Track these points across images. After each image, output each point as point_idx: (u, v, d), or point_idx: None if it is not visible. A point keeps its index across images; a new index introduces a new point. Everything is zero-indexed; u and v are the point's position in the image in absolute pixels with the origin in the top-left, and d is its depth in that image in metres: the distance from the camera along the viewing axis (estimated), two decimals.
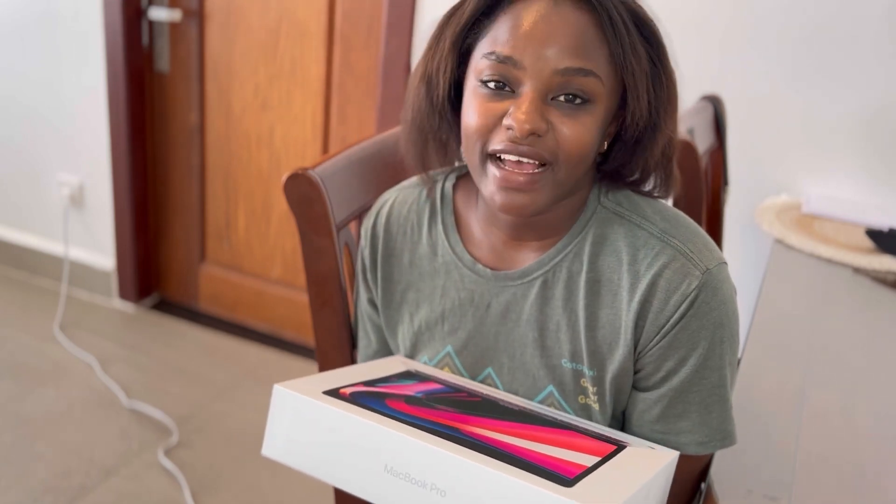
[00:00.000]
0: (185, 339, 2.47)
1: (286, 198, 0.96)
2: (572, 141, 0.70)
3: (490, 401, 0.79)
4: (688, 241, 0.75)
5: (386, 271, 0.89)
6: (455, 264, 0.84)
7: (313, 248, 0.99)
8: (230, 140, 2.40)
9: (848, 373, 1.05)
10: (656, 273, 0.74)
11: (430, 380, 0.83)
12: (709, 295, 0.74)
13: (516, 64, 0.70)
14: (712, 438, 0.77)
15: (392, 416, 0.69)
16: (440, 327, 0.86)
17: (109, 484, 1.79)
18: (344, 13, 2.13)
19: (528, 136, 0.69)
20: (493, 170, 0.72)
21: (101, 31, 2.35)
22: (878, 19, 1.58)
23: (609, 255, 0.77)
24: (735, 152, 1.73)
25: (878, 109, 1.63)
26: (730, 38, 1.69)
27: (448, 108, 0.79)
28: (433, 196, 0.87)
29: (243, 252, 2.51)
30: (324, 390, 0.73)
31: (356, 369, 0.84)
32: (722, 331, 0.75)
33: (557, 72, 0.69)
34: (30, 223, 2.73)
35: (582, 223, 0.79)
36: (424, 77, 0.79)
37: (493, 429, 0.71)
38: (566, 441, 0.71)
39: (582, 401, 0.80)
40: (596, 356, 0.78)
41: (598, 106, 0.71)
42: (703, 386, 0.76)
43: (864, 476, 0.83)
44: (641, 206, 0.79)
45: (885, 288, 1.32)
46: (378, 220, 0.90)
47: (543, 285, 0.79)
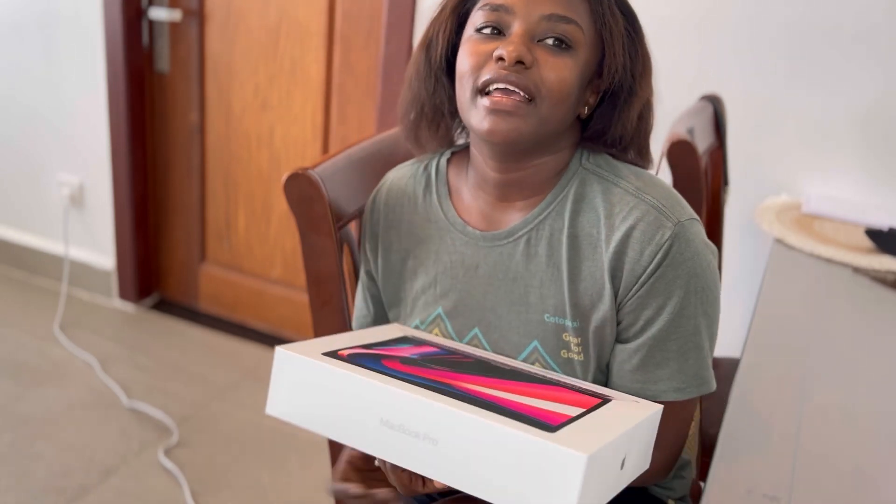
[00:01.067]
0: (185, 339, 2.47)
1: (286, 197, 0.96)
2: (554, 77, 0.77)
3: (482, 361, 0.83)
4: (661, 197, 0.81)
5: (386, 242, 0.94)
6: (447, 228, 0.90)
7: (313, 247, 0.99)
8: (230, 140, 2.40)
9: (848, 372, 1.05)
10: (631, 225, 0.79)
11: (425, 344, 0.87)
12: (682, 245, 0.79)
13: (507, 10, 0.78)
14: (689, 385, 0.82)
15: (388, 374, 0.73)
16: (432, 290, 0.91)
17: (109, 484, 1.79)
18: (344, 13, 2.13)
19: (516, 63, 0.76)
20: (483, 100, 0.78)
21: (101, 31, 2.35)
22: (878, 19, 1.58)
23: (588, 211, 0.83)
24: (735, 152, 1.73)
25: (877, 109, 1.63)
26: (730, 38, 1.69)
27: (444, 71, 0.86)
28: (429, 170, 0.93)
29: (243, 252, 2.51)
30: (323, 352, 0.77)
31: (355, 335, 0.88)
32: (696, 280, 0.79)
33: (544, 17, 0.77)
34: (30, 223, 2.73)
35: (564, 183, 0.84)
36: (425, 42, 0.87)
37: (485, 385, 0.75)
38: (554, 395, 0.76)
39: (564, 355, 0.84)
40: (579, 308, 0.83)
41: (578, 53, 0.78)
42: (680, 334, 0.80)
43: (864, 476, 0.83)
44: (619, 167, 0.84)
45: (885, 288, 1.32)
46: (379, 195, 0.95)
47: (527, 243, 0.85)
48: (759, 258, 1.70)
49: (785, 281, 1.32)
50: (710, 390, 0.83)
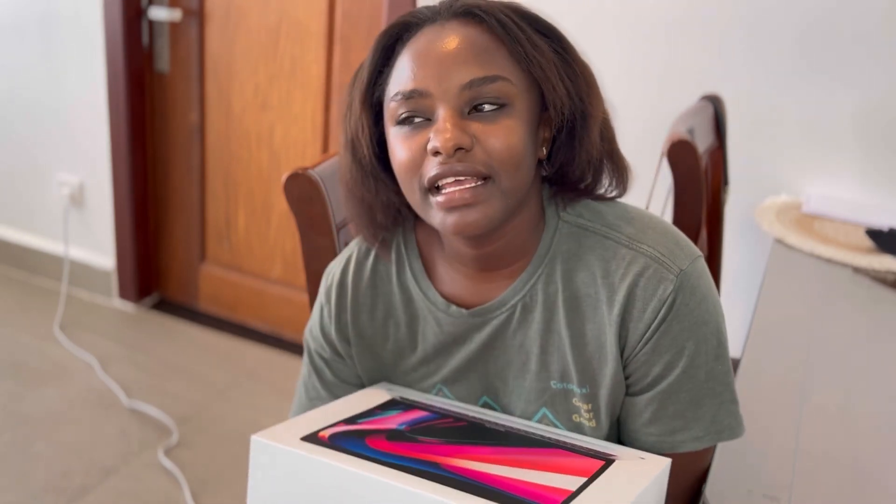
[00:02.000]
0: (185, 339, 2.47)
1: (286, 197, 0.96)
2: (501, 146, 0.69)
3: (476, 424, 0.79)
4: (658, 243, 0.75)
5: (357, 327, 0.86)
6: (430, 309, 0.83)
7: (313, 247, 0.99)
8: (230, 140, 2.40)
9: (848, 372, 1.05)
10: (631, 283, 0.74)
11: (415, 407, 0.82)
12: (686, 296, 0.73)
13: (422, 94, 0.70)
14: (707, 433, 0.77)
15: (371, 457, 0.69)
16: (425, 367, 0.86)
17: (109, 484, 1.79)
18: (344, 13, 2.13)
19: (455, 151, 0.68)
20: (435, 198, 0.71)
21: (101, 31, 2.35)
22: (878, 19, 1.58)
23: (582, 270, 0.76)
24: (735, 152, 1.72)
25: (878, 109, 1.63)
26: (730, 38, 1.69)
27: (378, 167, 0.79)
28: (397, 246, 0.85)
29: (243, 252, 2.51)
30: (301, 436, 0.72)
31: (339, 405, 0.83)
32: (705, 328, 0.74)
33: (464, 86, 0.69)
34: (30, 223, 2.73)
35: (546, 243, 0.78)
36: (347, 145, 0.79)
37: (476, 458, 0.70)
38: (552, 463, 0.71)
39: (576, 419, 0.80)
40: (586, 373, 0.78)
41: (515, 107, 0.71)
42: (693, 384, 0.75)
43: (864, 475, 0.83)
44: (604, 213, 0.78)
45: (885, 288, 1.32)
46: (344, 277, 0.86)
47: (523, 310, 0.79)
48: (759, 258, 1.70)
49: (785, 281, 1.32)
50: (735, 436, 0.77)
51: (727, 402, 0.77)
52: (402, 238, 0.85)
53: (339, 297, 0.86)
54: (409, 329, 0.85)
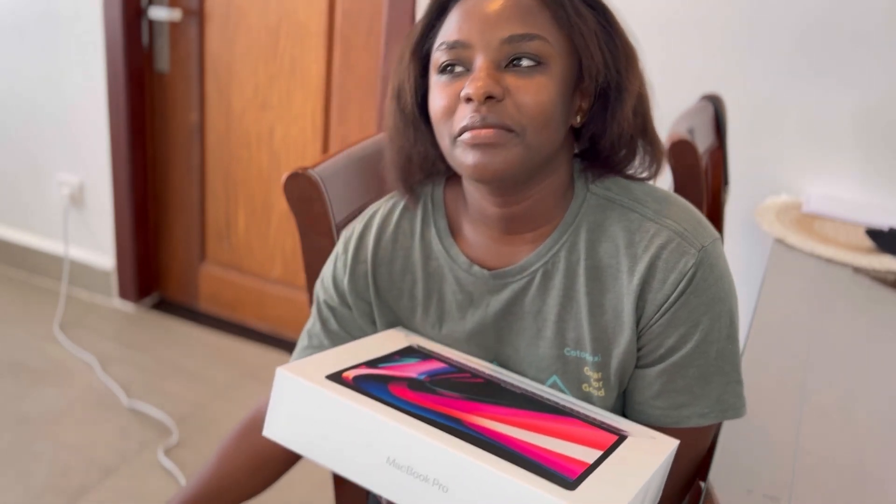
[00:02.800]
0: (185, 339, 2.47)
1: (286, 197, 0.96)
2: (531, 101, 0.72)
3: (493, 383, 0.79)
4: (682, 220, 0.77)
5: (376, 281, 0.88)
6: (451, 267, 0.84)
7: (313, 247, 0.99)
8: (230, 140, 2.40)
9: (848, 372, 1.05)
10: (654, 255, 0.75)
11: (432, 357, 0.83)
12: (706, 272, 0.75)
13: (465, 45, 0.73)
14: (713, 410, 0.79)
15: (395, 404, 0.69)
16: (438, 329, 0.86)
17: (109, 483, 1.79)
18: (344, 13, 2.13)
19: (486, 99, 0.71)
20: (463, 137, 0.73)
21: (101, 31, 2.35)
22: (878, 19, 1.58)
23: (606, 241, 0.78)
24: (735, 152, 1.73)
25: (878, 109, 1.63)
26: (730, 38, 1.69)
27: (419, 118, 0.81)
28: (424, 202, 0.87)
29: (243, 252, 2.51)
30: (327, 374, 0.73)
31: (359, 346, 0.83)
32: (720, 305, 0.76)
33: (504, 41, 0.72)
34: (30, 223, 2.73)
35: (573, 212, 0.80)
36: (394, 93, 0.82)
37: (497, 418, 0.71)
38: (568, 432, 0.72)
39: (585, 388, 0.81)
40: (600, 342, 0.79)
41: (551, 67, 0.73)
42: (703, 360, 0.77)
43: (865, 475, 0.83)
44: (631, 188, 0.80)
45: (885, 287, 1.32)
46: (366, 230, 0.88)
47: (543, 277, 0.80)
48: (759, 258, 1.70)
49: (785, 281, 1.32)
50: (738, 416, 0.80)
51: (734, 382, 0.79)
52: (431, 195, 0.87)
53: (357, 250, 0.88)
54: (426, 286, 0.86)
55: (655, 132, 0.81)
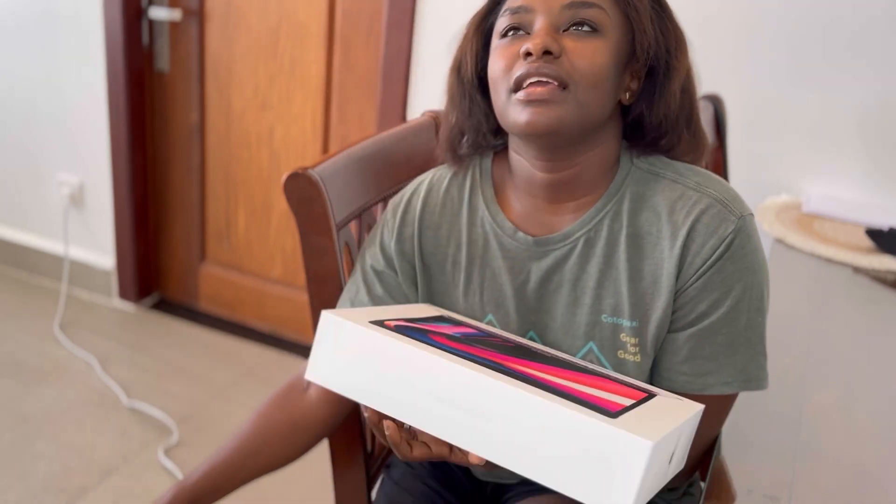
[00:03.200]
0: (185, 339, 2.47)
1: (286, 197, 0.96)
2: (585, 62, 0.75)
3: (524, 347, 0.81)
4: (723, 192, 0.80)
5: (422, 244, 0.91)
6: (496, 233, 0.87)
7: (313, 247, 0.99)
8: (230, 140, 2.40)
9: (848, 372, 1.05)
10: (695, 219, 0.78)
11: (463, 325, 0.85)
12: (744, 240, 0.78)
13: (527, 9, 0.78)
14: (736, 379, 0.80)
15: (438, 347, 0.71)
16: (479, 296, 0.89)
17: (109, 483, 1.79)
18: (344, 13, 2.13)
19: (543, 54, 0.75)
20: (518, 94, 0.76)
21: (101, 31, 2.35)
22: (879, 19, 1.58)
23: (647, 210, 0.81)
24: (735, 152, 1.73)
25: (878, 109, 1.63)
26: (730, 38, 1.69)
27: (476, 88, 0.86)
28: (472, 170, 0.91)
29: (243, 252, 2.51)
30: (370, 321, 0.75)
31: (394, 309, 0.85)
32: (754, 277, 0.78)
33: (565, 6, 0.77)
34: (30, 222, 2.73)
35: (618, 183, 0.83)
36: (455, 66, 0.87)
37: (535, 368, 0.73)
38: (603, 385, 0.74)
39: (621, 356, 0.83)
40: (639, 307, 0.81)
41: (606, 35, 0.77)
42: (732, 328, 0.79)
43: (865, 475, 0.83)
44: (675, 164, 0.83)
45: (885, 287, 1.32)
46: (415, 195, 0.92)
47: (585, 244, 0.83)
48: None
49: (785, 281, 1.32)
50: (760, 388, 0.82)
51: (759, 354, 0.81)
52: (480, 165, 0.91)
53: (405, 213, 0.92)
54: (469, 252, 0.89)
55: (699, 120, 0.85)
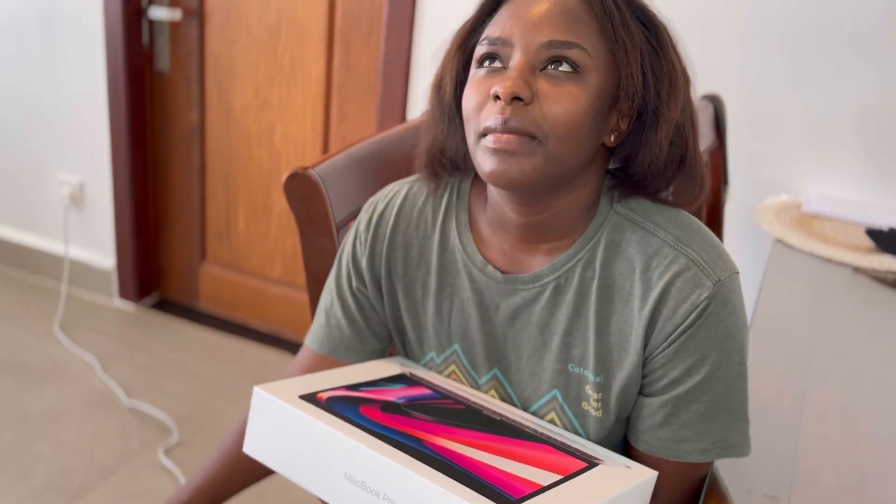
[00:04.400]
0: (185, 339, 2.47)
1: (286, 197, 0.96)
2: (558, 111, 0.70)
3: (474, 409, 0.80)
4: (702, 249, 0.75)
5: (390, 263, 0.88)
6: (465, 263, 0.84)
7: (313, 247, 0.99)
8: (230, 139, 2.40)
9: (848, 372, 1.05)
10: (668, 281, 0.74)
11: (420, 385, 0.84)
12: (719, 306, 0.73)
13: (505, 42, 0.72)
14: (715, 447, 0.77)
15: (359, 423, 0.72)
16: (446, 325, 0.86)
17: (109, 483, 1.79)
18: (344, 13, 2.13)
19: (512, 100, 0.69)
20: (485, 140, 0.72)
21: (101, 31, 2.35)
22: (878, 19, 1.58)
23: (622, 262, 0.77)
24: (735, 152, 1.73)
25: (878, 109, 1.63)
26: (730, 38, 1.69)
27: (455, 110, 0.81)
28: (450, 192, 0.87)
29: (243, 251, 2.51)
30: (301, 394, 0.76)
31: (349, 371, 0.85)
32: (731, 342, 0.74)
33: (543, 45, 0.71)
34: (30, 222, 2.73)
35: (594, 228, 0.78)
36: (435, 83, 0.82)
37: (460, 440, 0.72)
38: (534, 457, 0.72)
39: (584, 407, 0.80)
40: (604, 363, 0.78)
41: (587, 79, 0.71)
42: (710, 396, 0.75)
43: (865, 475, 0.83)
44: (655, 213, 0.78)
45: (885, 287, 1.32)
46: (387, 209, 0.88)
47: (555, 290, 0.79)
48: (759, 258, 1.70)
49: (785, 281, 1.32)
50: (741, 455, 0.78)
51: (740, 420, 0.77)
52: (458, 187, 0.87)
53: (377, 227, 0.88)
54: (439, 278, 0.86)
55: (698, 164, 0.78)
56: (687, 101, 0.76)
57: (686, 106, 0.76)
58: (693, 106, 0.77)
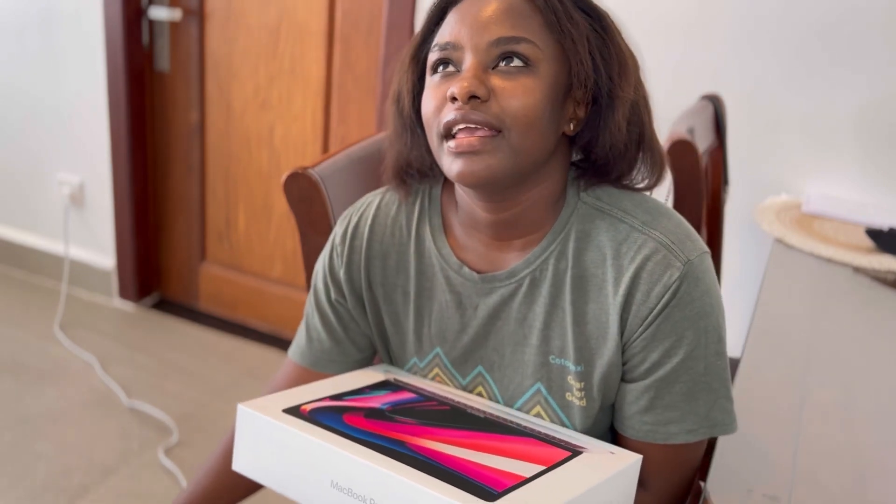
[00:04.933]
0: (185, 339, 2.47)
1: (286, 197, 0.96)
2: (516, 101, 0.72)
3: (458, 409, 0.81)
4: (669, 232, 0.76)
5: (369, 273, 0.89)
6: (441, 266, 0.85)
7: (313, 247, 0.99)
8: (230, 139, 2.40)
9: (848, 372, 1.05)
10: (639, 266, 0.75)
11: (404, 389, 0.85)
12: (691, 285, 0.75)
13: (455, 46, 0.74)
14: (700, 426, 0.78)
15: (342, 432, 0.73)
16: (427, 329, 0.87)
17: (109, 483, 1.79)
18: (344, 13, 2.13)
19: (469, 98, 0.71)
20: (449, 143, 0.74)
21: (101, 31, 2.35)
22: (878, 19, 1.58)
23: (593, 250, 0.78)
24: (735, 152, 1.73)
25: (878, 109, 1.63)
26: (730, 38, 1.69)
27: (415, 122, 0.82)
28: (421, 198, 0.88)
29: (243, 251, 2.51)
30: (285, 408, 0.77)
31: (334, 382, 0.86)
32: (706, 320, 0.76)
33: (492, 43, 0.73)
34: (30, 222, 2.73)
35: (563, 220, 0.80)
36: (393, 97, 0.84)
37: (443, 440, 0.73)
38: (516, 450, 0.73)
39: (568, 397, 0.81)
40: (584, 352, 0.79)
41: (539, 70, 0.73)
42: (690, 376, 0.77)
43: (865, 475, 0.83)
44: (622, 199, 0.79)
45: (885, 287, 1.32)
46: (361, 220, 0.89)
47: (531, 284, 0.80)
48: (759, 258, 1.70)
49: (785, 281, 1.32)
50: (727, 432, 0.79)
51: (722, 398, 0.79)
52: (429, 193, 0.88)
53: (353, 239, 0.89)
54: (418, 284, 0.87)
55: (655, 142, 0.80)
56: (638, 82, 0.78)
57: (638, 86, 0.78)
58: (644, 87, 0.79)
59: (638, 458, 0.76)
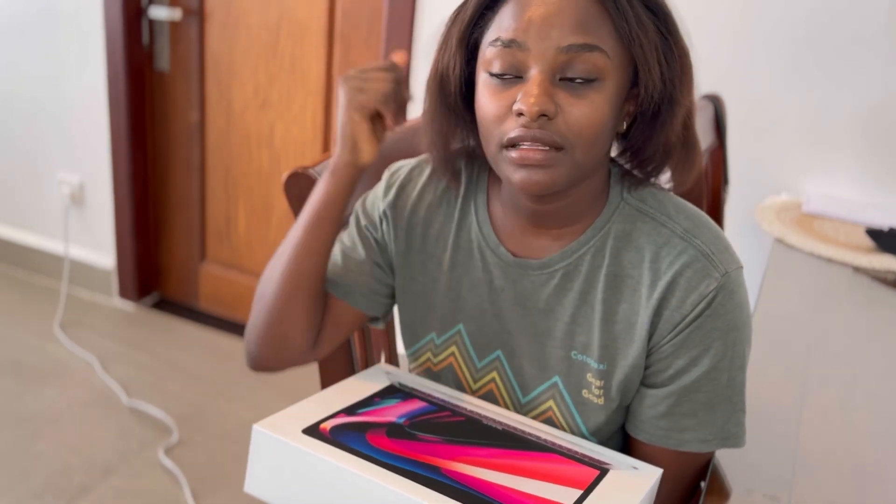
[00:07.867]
0: (185, 338, 2.47)
1: (286, 196, 0.96)
2: (583, 122, 0.70)
3: (474, 420, 0.80)
4: (710, 242, 0.76)
5: (410, 237, 0.88)
6: (479, 243, 0.84)
7: None
8: (230, 139, 2.40)
9: (848, 372, 1.05)
10: (677, 272, 0.75)
11: (413, 396, 0.83)
12: (725, 297, 0.74)
13: (521, 46, 0.70)
14: (715, 437, 0.78)
15: (370, 456, 0.70)
16: (453, 304, 0.86)
17: (109, 483, 1.79)
18: (344, 12, 2.13)
19: (538, 117, 0.69)
20: (510, 153, 0.72)
21: (101, 30, 2.35)
22: (879, 19, 1.58)
23: (631, 251, 0.78)
24: (735, 152, 1.73)
25: (878, 109, 1.63)
26: (730, 38, 1.69)
27: (462, 106, 0.80)
28: (469, 174, 0.87)
29: (243, 251, 2.51)
30: (303, 427, 0.73)
31: (339, 390, 0.83)
32: (735, 333, 0.76)
33: (561, 49, 0.69)
34: (30, 222, 2.73)
35: (605, 217, 0.79)
36: (436, 77, 0.80)
37: (476, 462, 0.71)
38: (549, 471, 0.72)
39: (585, 395, 0.81)
40: (608, 350, 0.79)
41: (607, 83, 0.71)
42: (713, 386, 0.76)
43: (865, 474, 0.83)
44: (666, 204, 0.79)
45: (885, 287, 1.32)
46: (410, 185, 0.88)
47: (564, 277, 0.80)
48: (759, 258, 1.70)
49: (785, 281, 1.32)
50: (737, 446, 0.79)
51: (738, 411, 0.78)
52: (477, 169, 0.87)
53: (396, 198, 0.88)
54: (454, 256, 0.86)
55: (697, 139, 0.80)
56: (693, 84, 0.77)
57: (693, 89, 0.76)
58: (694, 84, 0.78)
59: (659, 472, 0.76)
